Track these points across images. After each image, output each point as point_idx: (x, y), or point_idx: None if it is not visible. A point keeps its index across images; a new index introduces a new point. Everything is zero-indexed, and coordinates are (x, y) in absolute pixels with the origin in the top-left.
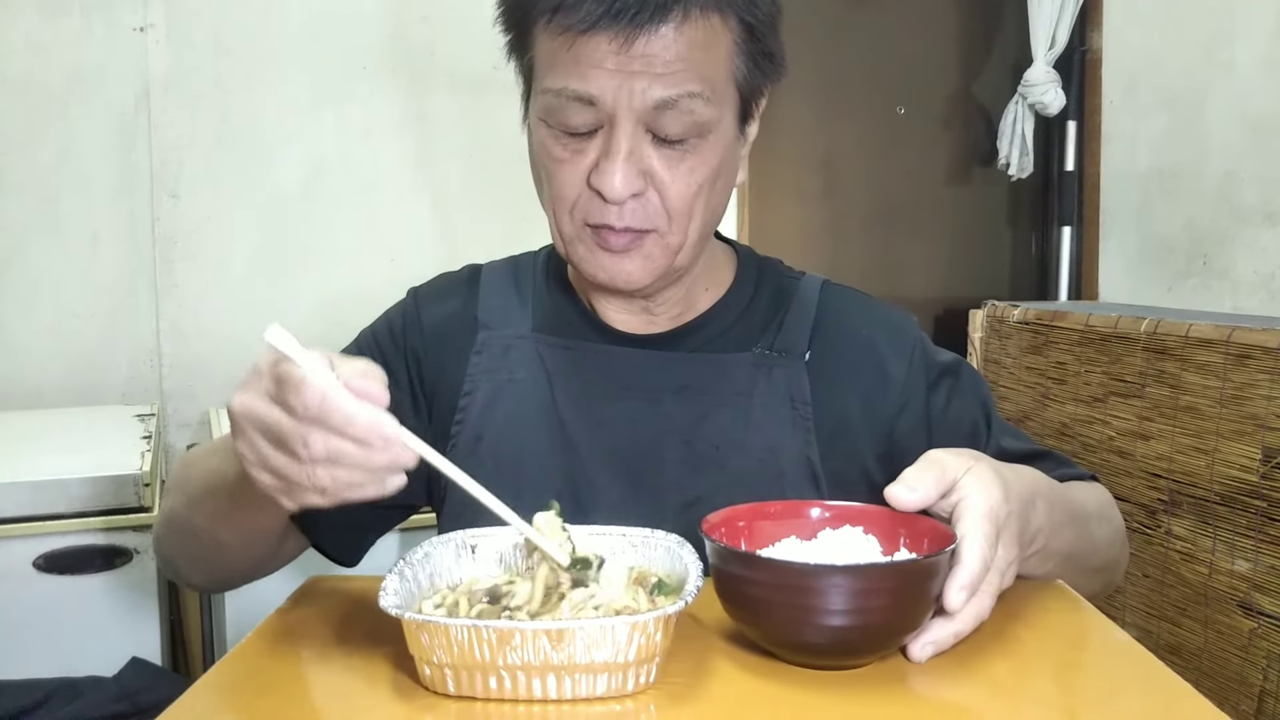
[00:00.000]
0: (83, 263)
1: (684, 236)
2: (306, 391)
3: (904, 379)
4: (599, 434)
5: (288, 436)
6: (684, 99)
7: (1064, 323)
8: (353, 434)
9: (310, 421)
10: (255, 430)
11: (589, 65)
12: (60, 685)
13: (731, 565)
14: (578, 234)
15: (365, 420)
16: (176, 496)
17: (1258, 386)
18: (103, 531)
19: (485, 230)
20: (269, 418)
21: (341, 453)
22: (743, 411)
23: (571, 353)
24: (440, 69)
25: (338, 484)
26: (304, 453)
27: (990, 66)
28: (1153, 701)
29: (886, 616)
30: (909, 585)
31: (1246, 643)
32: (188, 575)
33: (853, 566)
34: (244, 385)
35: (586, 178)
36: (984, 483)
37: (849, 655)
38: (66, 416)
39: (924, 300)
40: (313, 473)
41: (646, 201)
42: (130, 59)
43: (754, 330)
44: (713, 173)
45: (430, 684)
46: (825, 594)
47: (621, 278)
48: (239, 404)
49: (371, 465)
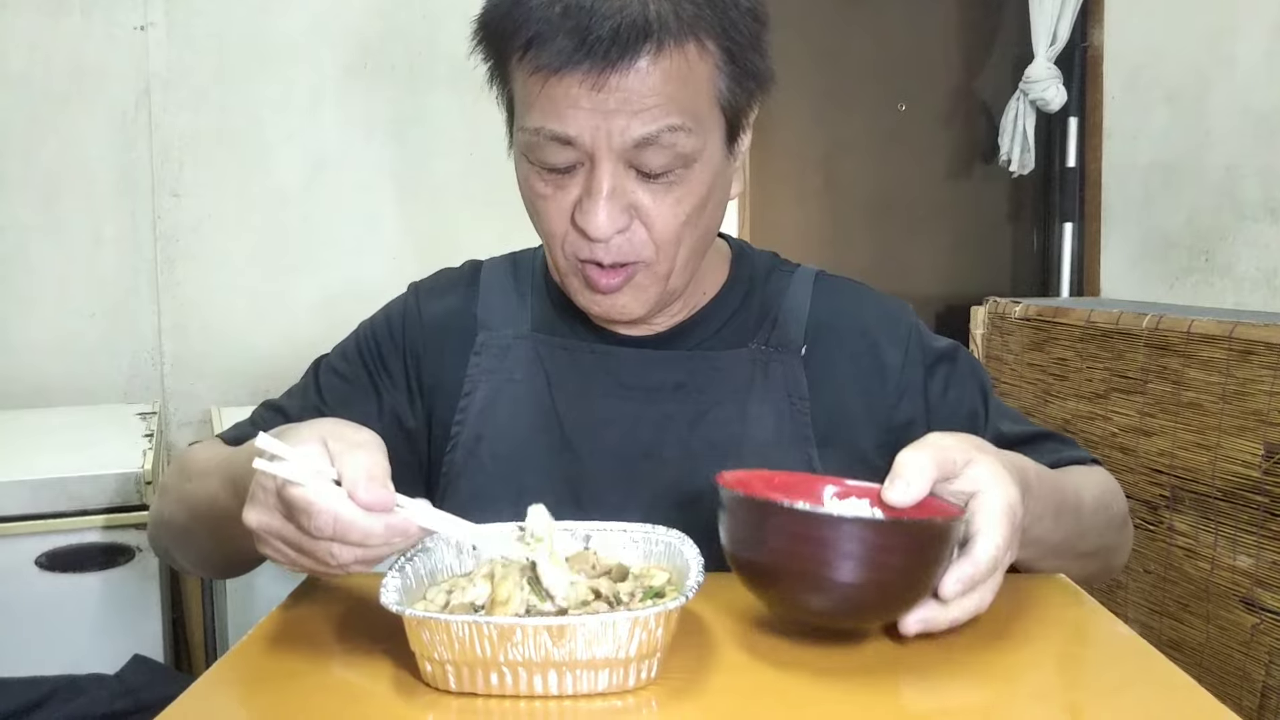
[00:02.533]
0: (84, 261)
1: (672, 264)
2: (317, 518)
3: (900, 366)
4: (598, 433)
5: (312, 551)
6: (664, 134)
7: (1066, 319)
8: (374, 546)
9: (329, 539)
10: (278, 541)
11: (565, 105)
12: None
13: (748, 514)
14: (571, 269)
15: (381, 531)
16: (175, 505)
17: (1260, 382)
18: (104, 530)
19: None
20: (287, 534)
21: (367, 556)
22: (740, 408)
23: (569, 352)
24: (440, 66)
25: (363, 566)
26: (333, 562)
27: (991, 63)
28: (1155, 695)
29: (899, 576)
30: (924, 547)
31: (1249, 638)
32: (185, 567)
33: (871, 520)
34: (254, 502)
35: (571, 215)
36: (1000, 481)
37: (858, 615)
38: (68, 415)
39: (926, 297)
40: (342, 568)
41: (632, 235)
42: (131, 58)
43: (750, 326)
44: (700, 201)
45: (431, 680)
46: (842, 545)
47: (616, 312)
48: (255, 522)
49: (393, 549)
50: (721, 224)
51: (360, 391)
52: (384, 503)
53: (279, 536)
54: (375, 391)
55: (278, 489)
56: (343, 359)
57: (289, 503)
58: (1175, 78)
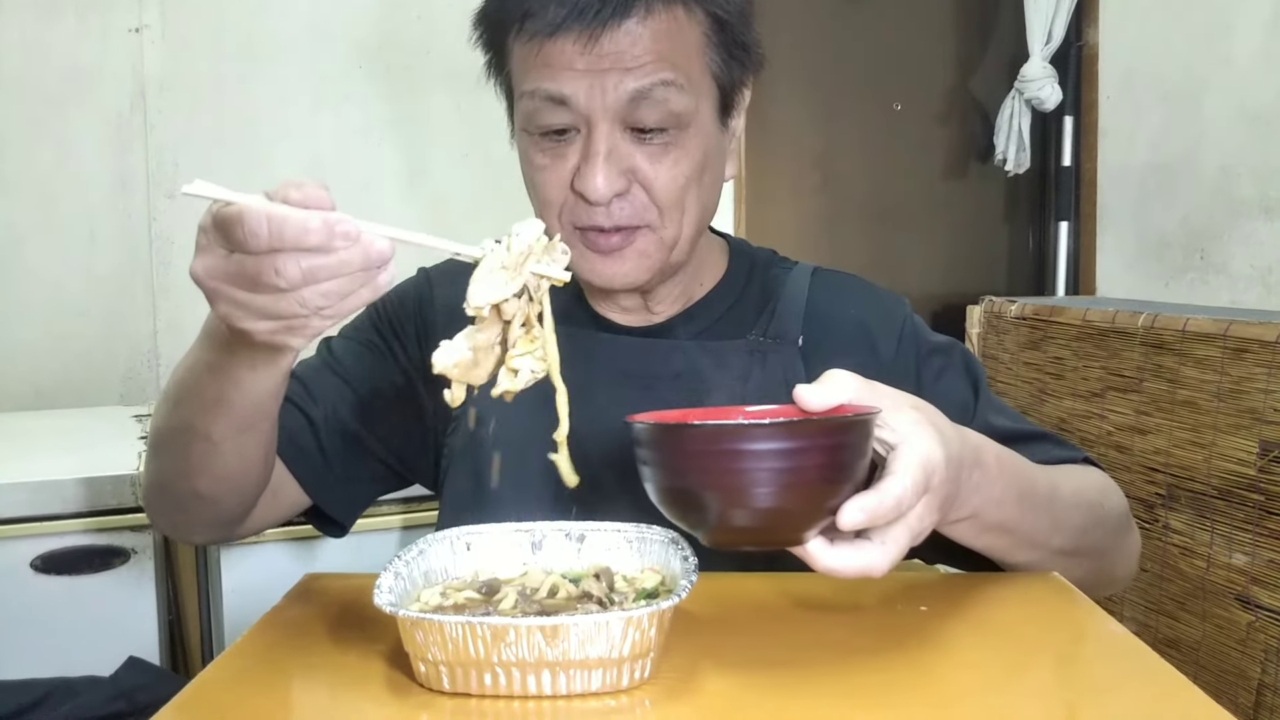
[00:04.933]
0: (80, 263)
1: (679, 230)
2: (250, 221)
3: (893, 356)
4: (597, 422)
5: (258, 273)
6: (657, 88)
7: (1061, 318)
8: (314, 243)
9: (270, 250)
10: (226, 284)
11: (559, 67)
12: (57, 685)
13: (662, 440)
14: (569, 239)
15: (318, 224)
16: (161, 409)
17: (1255, 380)
18: (100, 532)
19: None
20: (231, 266)
21: (315, 267)
22: (738, 398)
23: (571, 340)
24: (436, 67)
25: (330, 298)
26: (281, 281)
27: (987, 62)
28: (1150, 694)
29: (811, 475)
30: (839, 444)
31: (1244, 636)
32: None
33: (772, 421)
34: (197, 251)
35: (570, 182)
36: (924, 436)
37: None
38: (64, 417)
39: (922, 296)
40: (301, 298)
41: (633, 199)
42: (126, 60)
43: (748, 318)
44: (697, 165)
45: (425, 681)
46: (749, 445)
47: (619, 279)
48: (199, 268)
49: (350, 267)
50: (719, 202)
51: (376, 353)
52: (318, 198)
53: (224, 274)
54: (391, 354)
55: (213, 218)
56: (355, 329)
57: (224, 223)
58: (1170, 77)
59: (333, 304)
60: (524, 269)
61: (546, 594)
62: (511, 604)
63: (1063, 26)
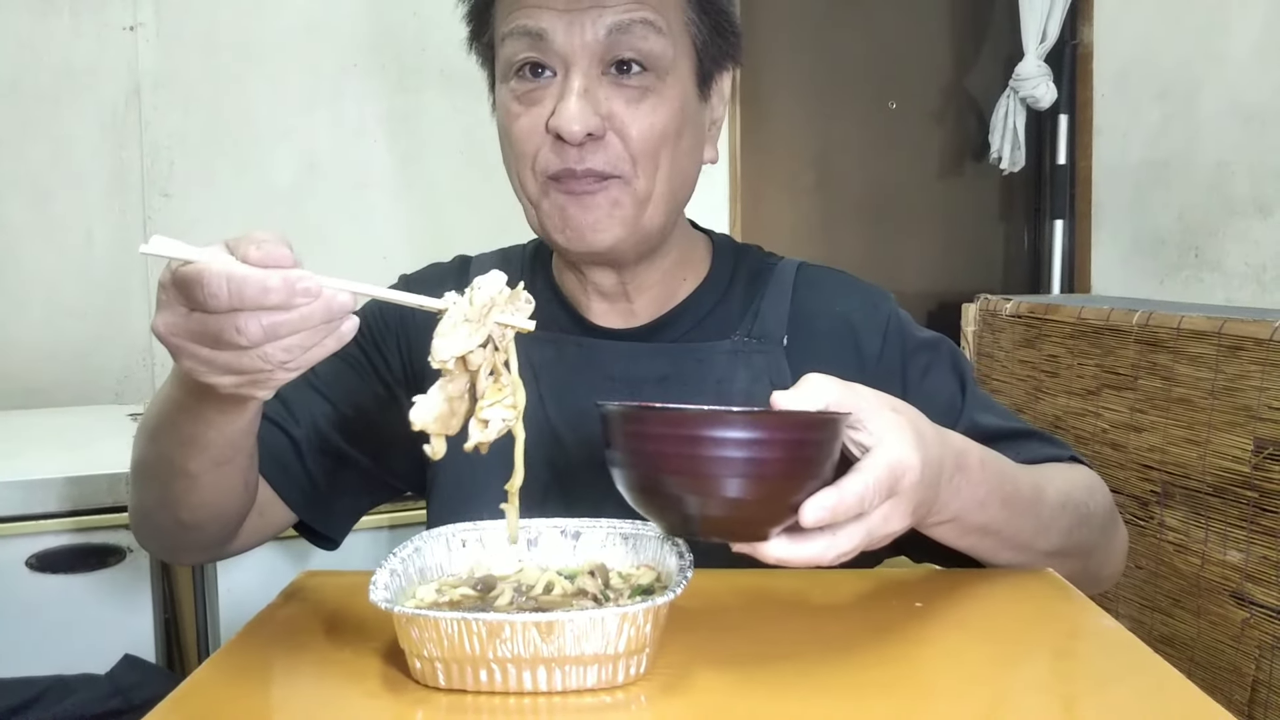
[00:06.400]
0: (75, 262)
1: (651, 185)
2: (209, 283)
3: (879, 353)
4: (583, 426)
5: (219, 332)
6: (636, 25)
7: (1056, 316)
8: (275, 302)
9: (230, 310)
10: (188, 341)
11: (538, 6)
12: (53, 683)
13: (626, 423)
14: (543, 190)
15: (278, 284)
16: (139, 442)
17: (1249, 378)
18: (95, 530)
19: (477, 226)
20: (192, 324)
21: (276, 324)
22: (724, 400)
23: (555, 346)
24: (430, 65)
25: (292, 352)
26: (243, 339)
27: (982, 60)
28: (1144, 689)
29: (782, 469)
30: (803, 439)
31: (1239, 633)
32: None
33: (749, 410)
34: (159, 307)
35: (545, 126)
36: (903, 441)
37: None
38: (59, 416)
39: (917, 294)
40: (264, 354)
41: (608, 145)
42: (121, 58)
43: (732, 318)
44: (674, 117)
45: (421, 678)
46: (721, 442)
47: (589, 229)
48: (160, 325)
49: (312, 322)
50: (697, 179)
51: (357, 367)
52: (278, 256)
53: (186, 332)
54: (372, 369)
55: (173, 277)
56: None
57: (184, 282)
58: (1165, 75)
59: (296, 357)
60: (488, 320)
61: (542, 590)
62: (507, 600)
63: (1057, 25)
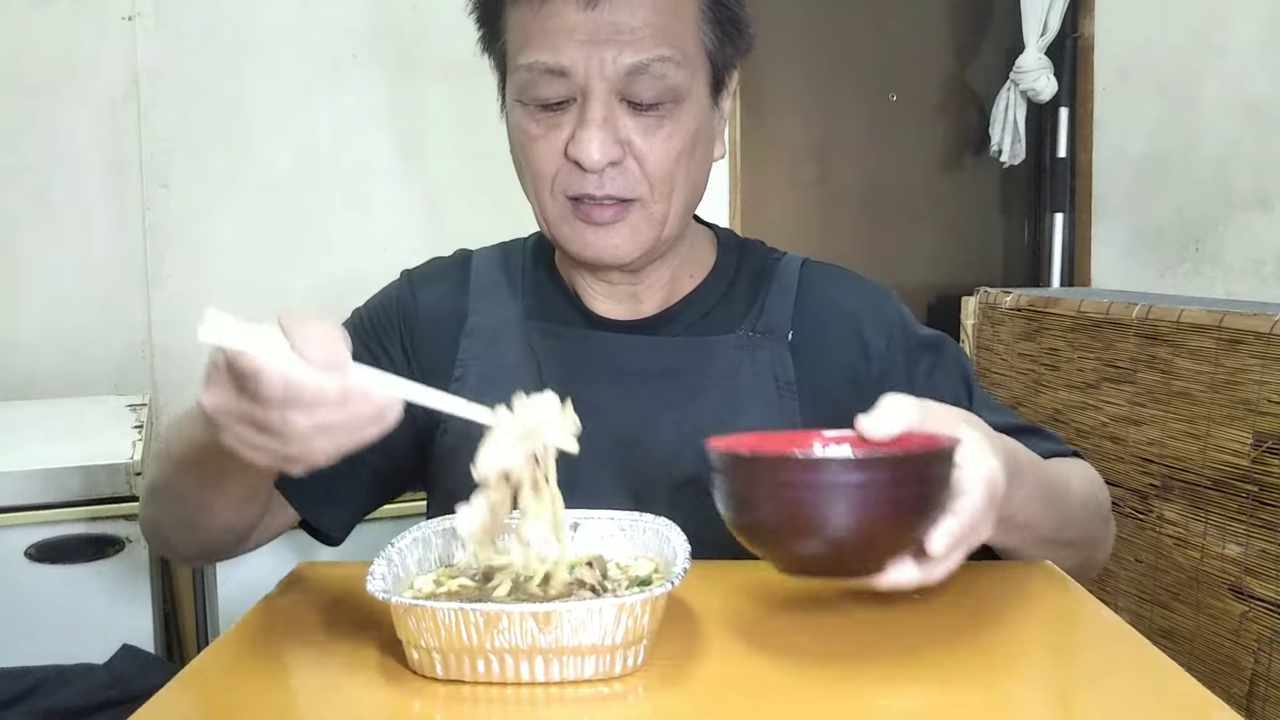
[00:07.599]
0: (74, 253)
1: (668, 205)
2: (266, 382)
3: (885, 349)
4: (588, 418)
5: (268, 424)
6: (655, 63)
7: (1056, 309)
8: (328, 405)
9: (282, 406)
10: (235, 423)
11: (558, 35)
12: (50, 673)
13: (741, 472)
14: (561, 212)
15: (334, 392)
16: (160, 466)
17: (1249, 372)
18: (94, 521)
19: (477, 217)
20: (241, 411)
21: (326, 423)
22: (729, 393)
23: (560, 339)
24: (430, 56)
25: (336, 443)
26: (290, 432)
27: (982, 53)
28: (1142, 681)
29: (892, 509)
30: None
31: (1238, 626)
32: (177, 545)
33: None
34: (208, 382)
35: (564, 151)
36: (983, 452)
37: (857, 556)
38: (58, 406)
39: (917, 287)
40: (307, 446)
41: (626, 170)
42: (119, 48)
43: (737, 312)
44: (690, 140)
45: (419, 668)
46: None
47: (609, 252)
48: (209, 404)
49: (361, 423)
50: (708, 182)
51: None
52: (335, 360)
53: (235, 415)
54: (377, 366)
55: (228, 363)
56: None
57: (239, 373)
58: (1166, 68)
59: (339, 447)
60: (534, 437)
61: (540, 581)
62: (505, 591)
63: (1058, 17)
